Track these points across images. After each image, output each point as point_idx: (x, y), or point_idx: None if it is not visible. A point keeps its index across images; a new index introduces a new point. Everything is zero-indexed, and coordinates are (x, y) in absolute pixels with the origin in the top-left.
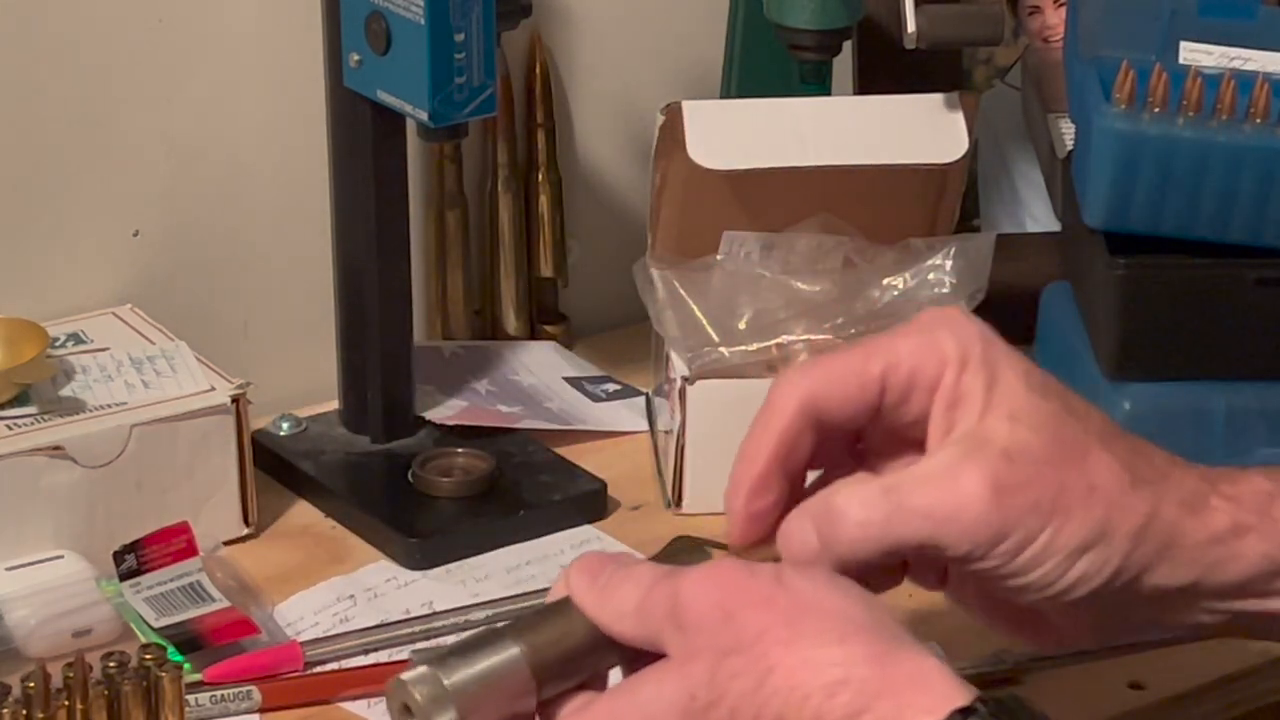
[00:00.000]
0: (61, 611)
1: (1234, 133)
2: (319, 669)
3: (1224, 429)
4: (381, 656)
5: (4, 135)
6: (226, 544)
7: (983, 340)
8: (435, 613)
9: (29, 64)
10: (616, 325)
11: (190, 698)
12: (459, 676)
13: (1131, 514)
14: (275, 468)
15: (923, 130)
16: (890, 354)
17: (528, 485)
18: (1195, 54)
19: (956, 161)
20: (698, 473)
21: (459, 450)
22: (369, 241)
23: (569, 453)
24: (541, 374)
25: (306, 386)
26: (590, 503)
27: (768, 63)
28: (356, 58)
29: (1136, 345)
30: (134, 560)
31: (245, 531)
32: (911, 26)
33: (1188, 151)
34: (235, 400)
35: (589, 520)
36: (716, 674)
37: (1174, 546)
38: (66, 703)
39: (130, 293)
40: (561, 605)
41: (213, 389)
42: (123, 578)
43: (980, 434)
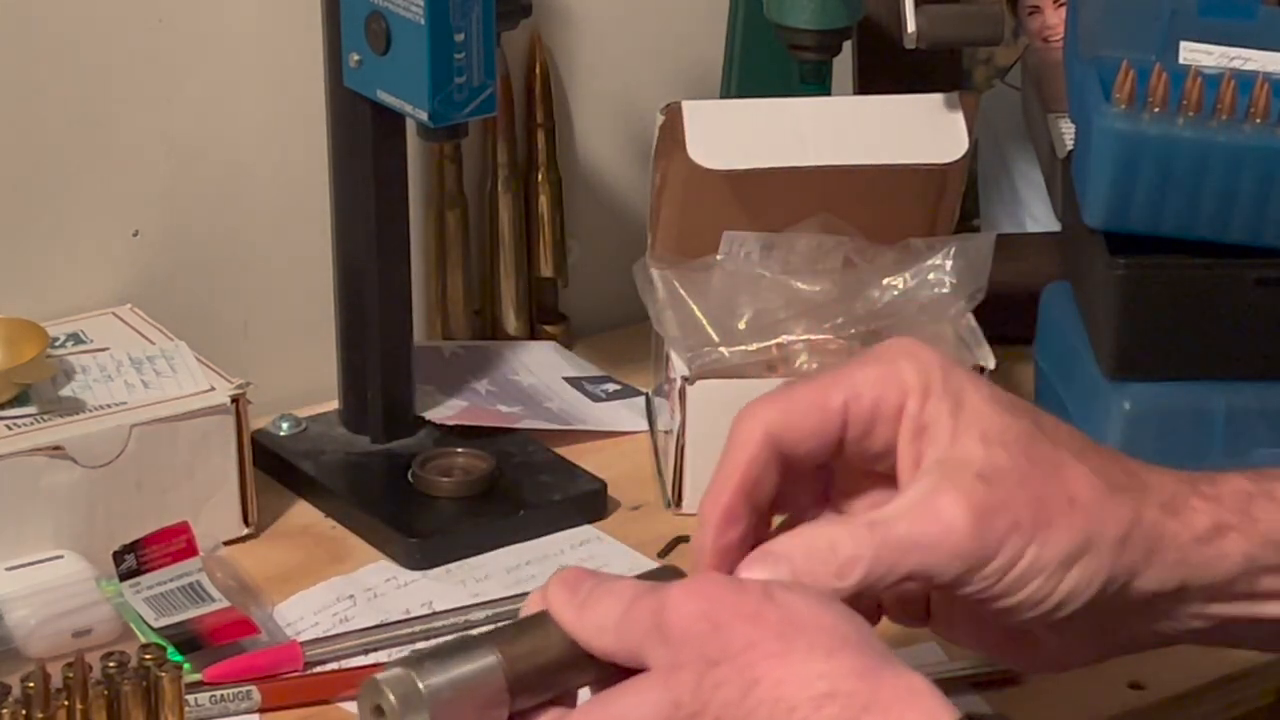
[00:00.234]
0: (61, 611)
1: (1234, 133)
2: (319, 669)
3: (1224, 429)
4: (381, 656)
5: (4, 135)
6: (226, 544)
7: (943, 368)
8: (435, 613)
9: (29, 64)
10: (616, 325)
11: (190, 698)
12: (434, 680)
13: (1113, 522)
14: (275, 468)
15: (923, 130)
16: (850, 385)
17: (528, 485)
18: (1195, 54)
19: (956, 161)
20: (698, 473)
21: (459, 450)
22: (369, 241)
23: (569, 453)
24: (541, 374)
25: (306, 386)
26: (590, 503)
27: (768, 63)
28: (356, 58)
29: (1136, 345)
30: (134, 560)
31: (245, 531)
32: (911, 26)
33: (1188, 151)
34: (235, 400)
35: (589, 520)
36: (702, 683)
37: (1159, 550)
38: (66, 703)
39: (130, 293)
40: (539, 618)
41: (213, 389)
42: (123, 578)
43: (953, 459)
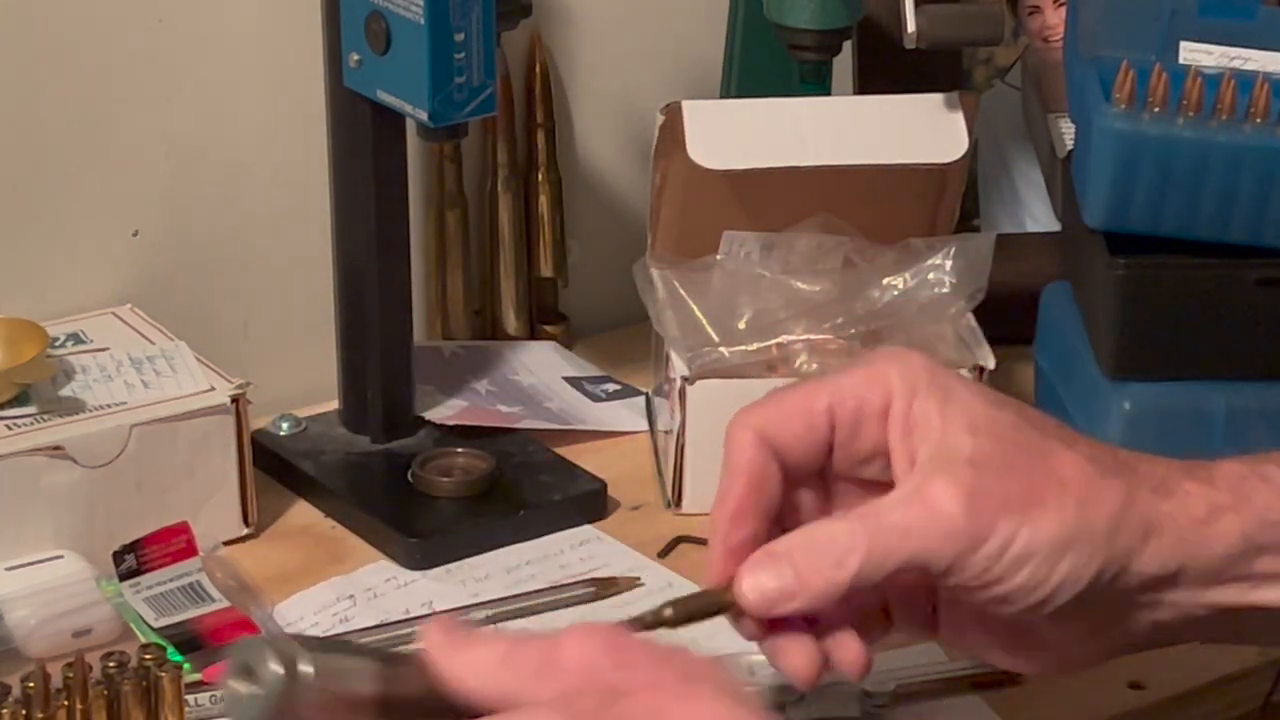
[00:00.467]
0: (61, 611)
1: (1234, 133)
2: None
3: (1224, 429)
4: None
5: (4, 135)
6: (226, 544)
7: (929, 369)
8: (435, 613)
9: (29, 64)
10: (616, 325)
11: (190, 698)
12: (317, 661)
13: (1105, 503)
14: (275, 468)
15: (923, 130)
16: (835, 388)
17: (528, 485)
18: (1195, 54)
19: (956, 161)
20: (697, 473)
21: (459, 450)
22: (369, 241)
23: (569, 453)
24: (541, 374)
25: (306, 386)
26: (590, 503)
27: (768, 63)
28: (356, 58)
29: (1136, 345)
30: (134, 560)
31: (245, 531)
32: (911, 26)
33: (1188, 151)
34: (235, 400)
35: (589, 520)
36: (605, 713)
37: (1154, 532)
38: (66, 703)
39: (130, 293)
40: (416, 653)
41: (213, 389)
42: (123, 578)
43: (943, 450)
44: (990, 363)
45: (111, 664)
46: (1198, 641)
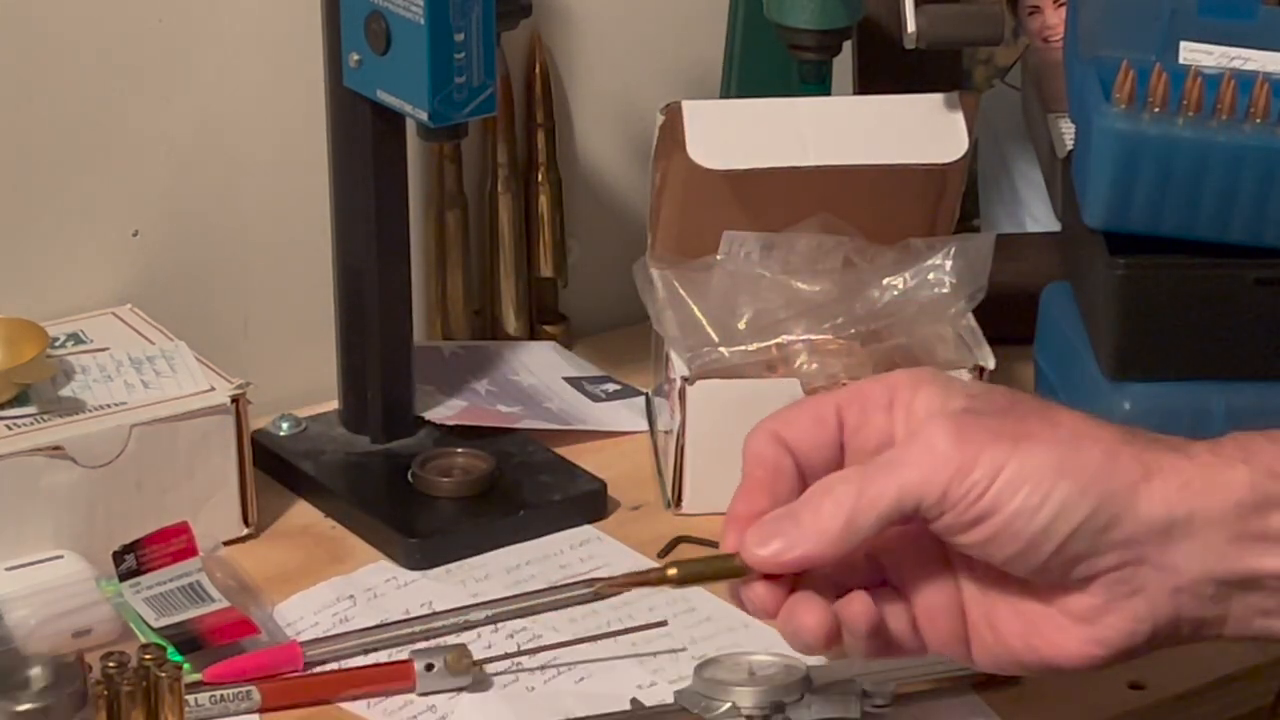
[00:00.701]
0: (61, 611)
1: (1234, 133)
2: (319, 669)
3: (1224, 429)
4: (381, 656)
5: (4, 135)
6: (226, 544)
7: (933, 372)
8: (435, 613)
9: (29, 64)
10: (616, 325)
11: (190, 698)
12: None
13: (1100, 439)
14: (275, 468)
15: (923, 130)
16: (843, 391)
17: (528, 485)
18: (1195, 54)
19: (956, 161)
20: (697, 473)
21: (459, 450)
22: (369, 241)
23: (569, 453)
24: (541, 374)
25: (306, 386)
26: (590, 503)
27: (768, 63)
28: (356, 58)
29: (1136, 345)
30: (134, 560)
31: (245, 531)
32: (911, 26)
33: (1188, 151)
34: (235, 400)
35: (589, 520)
36: None
37: (1155, 472)
38: None
39: (130, 293)
40: None
41: (212, 389)
42: (122, 578)
43: (940, 409)
44: (990, 363)
45: (111, 664)
46: (1226, 637)
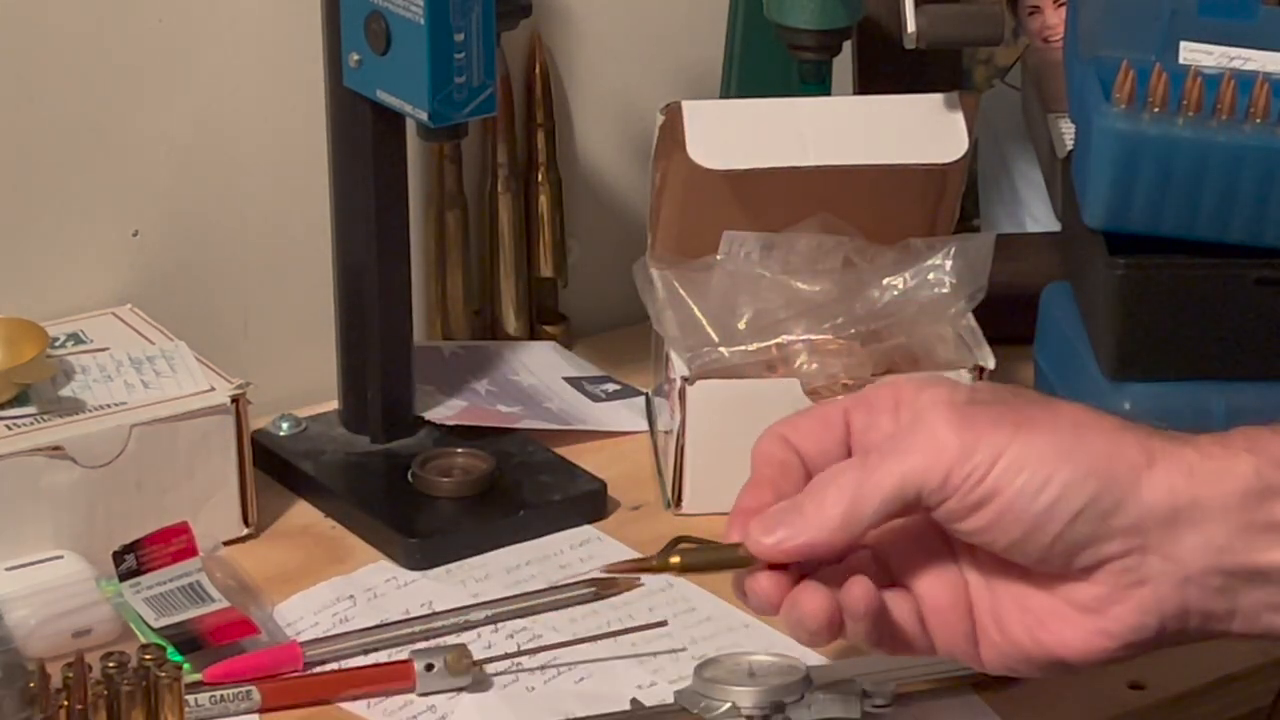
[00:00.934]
0: (61, 611)
1: (1234, 133)
2: (319, 669)
3: (1224, 429)
4: (381, 657)
5: (4, 135)
6: (226, 544)
7: (940, 376)
8: (435, 613)
9: (29, 64)
10: (616, 325)
11: (190, 698)
12: None
13: (1102, 427)
14: (275, 468)
15: (923, 130)
16: (851, 397)
17: (528, 485)
18: (1195, 54)
19: (956, 161)
20: (697, 473)
21: (459, 450)
22: (369, 241)
23: (569, 453)
24: (541, 374)
25: (306, 386)
26: (590, 503)
27: (768, 63)
28: (356, 58)
29: (1136, 345)
30: (134, 560)
31: (245, 531)
32: (911, 26)
33: (1188, 151)
34: (235, 400)
35: (589, 520)
36: None
37: (1159, 458)
38: (66, 703)
39: (130, 293)
40: None
41: (212, 389)
42: (122, 578)
43: (943, 401)
44: (990, 363)
45: (111, 664)
46: (1235, 635)
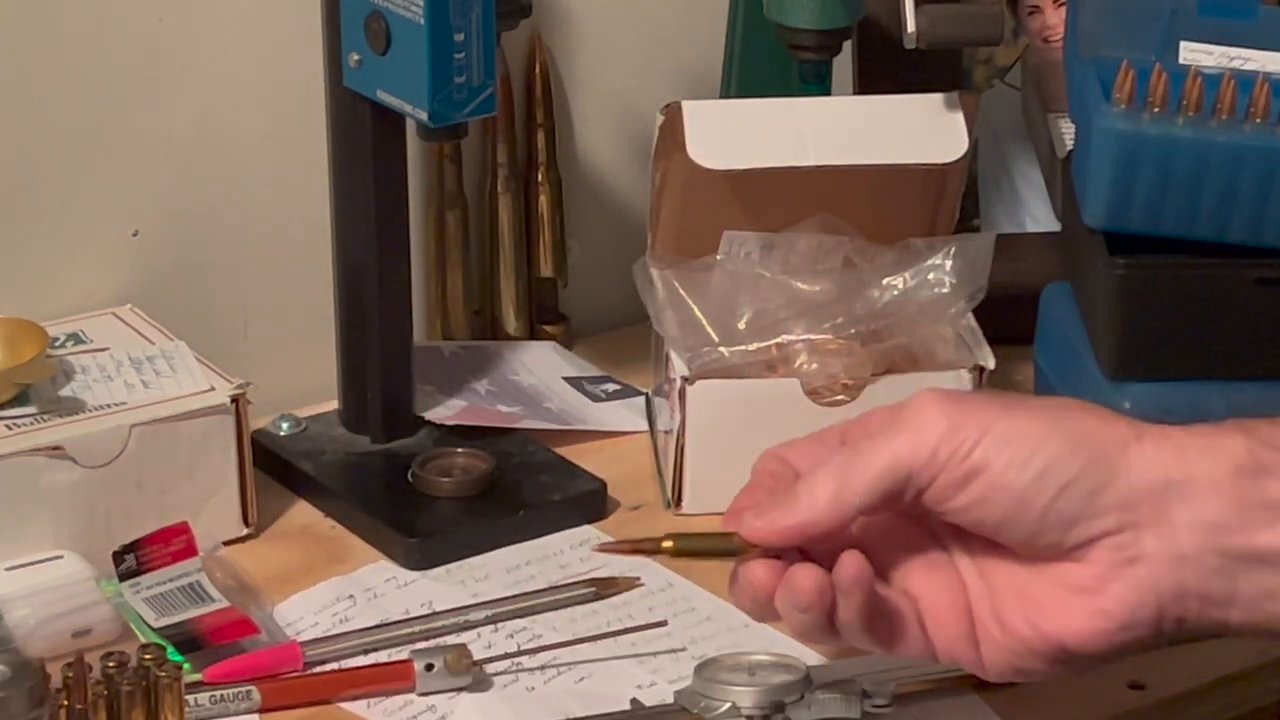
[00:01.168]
0: (61, 611)
1: (1234, 133)
2: (319, 669)
3: None
4: (381, 656)
5: (4, 135)
6: (226, 544)
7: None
8: (435, 613)
9: (29, 64)
10: (616, 325)
11: (190, 698)
12: None
13: (1090, 414)
14: (275, 468)
15: (923, 130)
16: (849, 422)
17: (528, 485)
18: (1195, 54)
19: (956, 161)
20: (697, 473)
21: (459, 450)
22: (369, 241)
23: (569, 453)
24: (541, 374)
25: (306, 386)
26: (590, 503)
27: (768, 63)
28: (356, 58)
29: (1136, 345)
30: (134, 560)
31: (245, 531)
32: (911, 26)
33: (1188, 151)
34: (235, 400)
35: (589, 520)
36: None
37: (1147, 436)
38: (66, 703)
39: (130, 293)
40: None
41: (212, 389)
42: (122, 578)
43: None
44: (990, 363)
45: (111, 664)
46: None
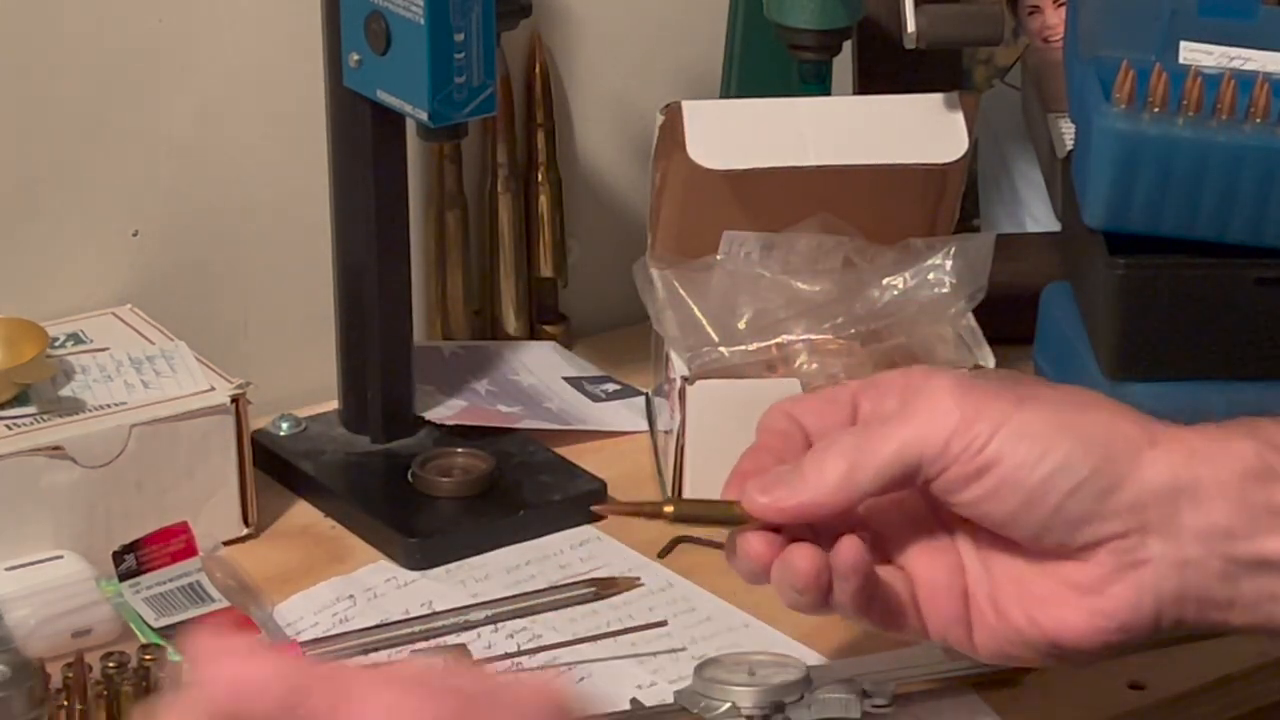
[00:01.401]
0: (61, 611)
1: (1234, 133)
2: None
3: None
4: (381, 657)
5: (4, 136)
6: (226, 544)
7: (951, 368)
8: (435, 613)
9: (29, 64)
10: (616, 325)
11: None
12: None
13: (1103, 409)
14: (275, 468)
15: (923, 130)
16: (860, 382)
17: (528, 485)
18: (1195, 54)
19: (956, 161)
20: (697, 473)
21: (459, 450)
22: (369, 241)
23: (569, 453)
24: (541, 374)
25: (306, 386)
26: (590, 503)
27: (768, 63)
28: (356, 58)
29: (1136, 345)
30: (134, 560)
31: (245, 531)
32: (911, 26)
33: (1188, 151)
34: (235, 400)
35: (589, 520)
36: None
37: (1159, 440)
38: (66, 703)
39: (130, 293)
40: None
41: (212, 389)
42: (122, 578)
43: (948, 375)
44: (990, 363)
45: (111, 664)
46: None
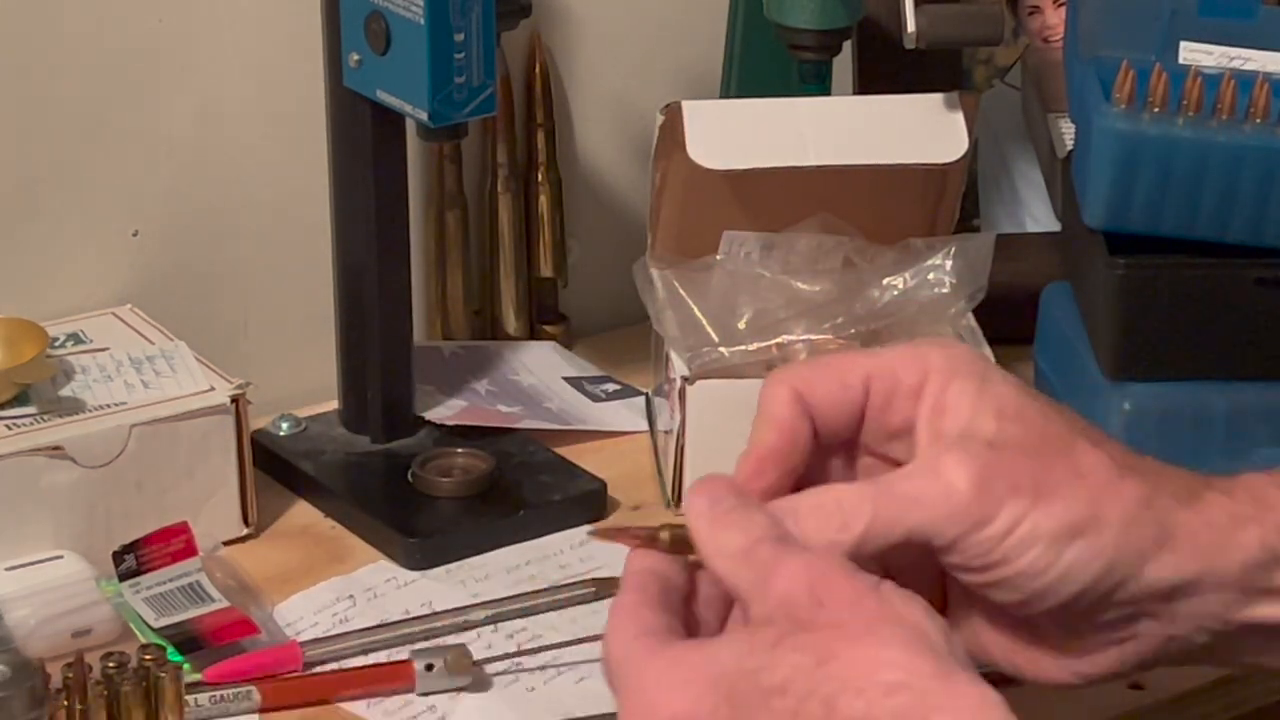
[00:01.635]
0: (61, 611)
1: (1234, 133)
2: (319, 669)
3: (1224, 429)
4: (381, 657)
5: (4, 136)
6: (226, 544)
7: (970, 356)
8: (435, 613)
9: (29, 64)
10: (616, 325)
11: (190, 698)
12: None
13: (1122, 500)
14: (275, 468)
15: (923, 130)
16: (875, 360)
17: (528, 485)
18: (1195, 54)
19: (956, 161)
20: (697, 472)
21: (459, 450)
22: (369, 241)
23: (569, 453)
24: (541, 374)
25: (306, 386)
26: (590, 502)
27: (768, 63)
28: (356, 58)
29: (1136, 345)
30: (133, 560)
31: (245, 531)
32: (911, 26)
33: (1188, 151)
34: (235, 400)
35: (589, 520)
36: (780, 643)
37: (1170, 538)
38: (66, 703)
39: (130, 293)
40: None
41: (212, 389)
42: (122, 578)
43: (967, 431)
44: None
45: (111, 664)
46: (1211, 665)
